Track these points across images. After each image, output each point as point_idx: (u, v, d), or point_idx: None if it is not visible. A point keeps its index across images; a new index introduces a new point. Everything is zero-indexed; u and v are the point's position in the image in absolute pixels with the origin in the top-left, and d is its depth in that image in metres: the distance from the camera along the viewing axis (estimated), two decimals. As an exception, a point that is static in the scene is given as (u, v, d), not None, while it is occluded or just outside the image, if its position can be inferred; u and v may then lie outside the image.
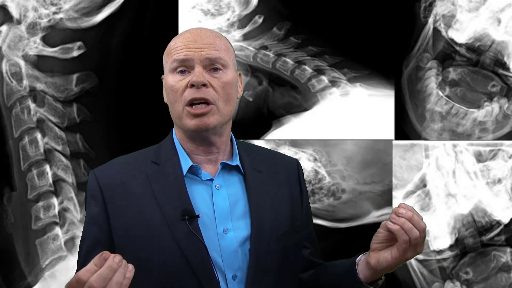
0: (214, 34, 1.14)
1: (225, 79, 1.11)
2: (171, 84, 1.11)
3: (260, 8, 2.09)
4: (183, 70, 1.10)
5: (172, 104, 1.12)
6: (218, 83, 1.10)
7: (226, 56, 1.12)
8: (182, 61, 1.09)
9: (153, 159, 1.15)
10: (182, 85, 1.09)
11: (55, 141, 2.05)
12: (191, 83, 1.08)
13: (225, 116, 1.12)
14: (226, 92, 1.11)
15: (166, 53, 1.15)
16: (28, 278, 2.02)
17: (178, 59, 1.09)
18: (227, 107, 1.11)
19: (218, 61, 1.10)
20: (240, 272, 1.08)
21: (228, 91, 1.11)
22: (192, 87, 1.08)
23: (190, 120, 1.09)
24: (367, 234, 2.09)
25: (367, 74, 2.09)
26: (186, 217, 1.06)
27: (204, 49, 1.09)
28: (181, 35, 1.14)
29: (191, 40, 1.10)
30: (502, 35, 2.06)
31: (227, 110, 1.12)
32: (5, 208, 2.03)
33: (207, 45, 1.10)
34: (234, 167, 1.16)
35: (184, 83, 1.09)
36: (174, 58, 1.10)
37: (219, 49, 1.11)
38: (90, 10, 2.07)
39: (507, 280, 2.07)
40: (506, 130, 2.09)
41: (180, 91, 1.09)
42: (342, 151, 2.10)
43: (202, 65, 1.09)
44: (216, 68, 1.10)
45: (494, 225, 2.07)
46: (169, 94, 1.12)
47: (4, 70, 2.04)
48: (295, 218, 1.19)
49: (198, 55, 1.09)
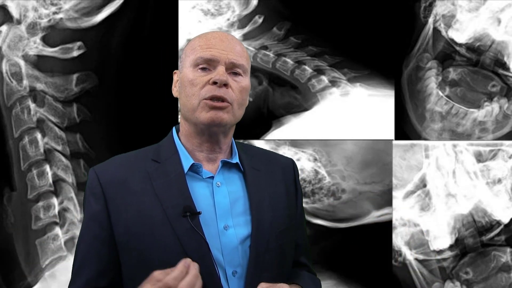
0: (238, 41, 1.19)
1: (243, 84, 1.15)
2: (191, 78, 1.13)
3: (260, 8, 2.09)
4: (205, 68, 1.13)
5: (188, 97, 1.14)
6: (237, 86, 1.14)
7: (247, 64, 1.17)
8: (208, 59, 1.13)
9: (154, 157, 1.16)
10: (203, 81, 1.12)
11: (55, 141, 2.05)
12: (215, 80, 1.11)
13: (236, 119, 1.16)
14: (242, 97, 1.15)
15: (190, 48, 1.17)
16: (28, 278, 2.02)
17: (204, 57, 1.13)
18: (239, 111, 1.16)
19: (241, 67, 1.15)
20: (240, 268, 1.10)
21: (244, 96, 1.16)
22: (213, 85, 1.11)
23: (205, 112, 1.11)
24: (367, 234, 2.10)
25: (367, 74, 2.09)
26: (188, 214, 1.07)
27: (230, 53, 1.13)
28: (207, 34, 1.18)
29: (218, 40, 1.14)
30: (502, 35, 2.07)
31: (239, 113, 1.16)
32: (5, 208, 2.03)
33: (232, 50, 1.14)
34: (234, 165, 1.18)
35: (205, 80, 1.12)
36: (200, 55, 1.13)
37: (242, 56, 1.16)
38: (90, 10, 2.07)
39: (507, 280, 2.07)
40: (506, 130, 2.09)
41: (200, 86, 1.12)
42: (342, 151, 2.10)
43: (225, 67, 1.13)
44: (236, 73, 1.15)
45: (494, 225, 2.07)
46: (186, 87, 1.14)
47: (4, 70, 2.04)
48: (292, 216, 1.22)
49: (224, 57, 1.13)
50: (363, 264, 2.08)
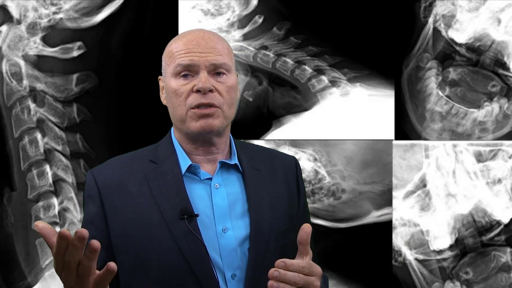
0: (216, 38, 1.14)
1: (229, 83, 1.12)
2: (175, 88, 1.10)
3: (260, 8, 2.09)
4: (186, 74, 1.10)
5: (175, 108, 1.12)
6: (222, 87, 1.10)
7: (229, 60, 1.13)
8: (187, 66, 1.09)
9: (151, 158, 1.15)
10: (187, 90, 1.09)
11: (55, 141, 2.05)
12: (197, 88, 1.08)
13: (228, 119, 1.13)
14: (230, 96, 1.12)
15: (168, 55, 1.14)
16: (28, 278, 2.02)
17: (183, 64, 1.09)
18: (231, 110, 1.13)
19: (223, 66, 1.11)
20: (239, 271, 1.08)
21: (232, 95, 1.13)
22: (197, 92, 1.08)
23: (195, 122, 1.09)
24: (367, 234, 2.10)
25: (367, 74, 2.09)
26: (185, 216, 1.06)
27: (209, 54, 1.09)
28: (182, 37, 1.13)
29: (194, 44, 1.10)
30: (502, 35, 2.06)
31: (230, 113, 1.13)
32: (5, 208, 2.03)
33: (211, 50, 1.10)
34: (232, 166, 1.16)
35: (189, 88, 1.09)
36: (178, 62, 1.09)
37: (223, 53, 1.11)
38: (90, 10, 2.07)
39: (507, 280, 2.07)
40: (506, 130, 2.09)
41: (185, 95, 1.09)
42: (342, 151, 2.10)
43: (206, 70, 1.09)
44: (220, 73, 1.11)
45: (494, 225, 2.07)
46: (171, 98, 1.12)
47: (4, 70, 2.04)
48: (293, 216, 1.19)
49: (204, 60, 1.09)
50: (363, 264, 2.08)
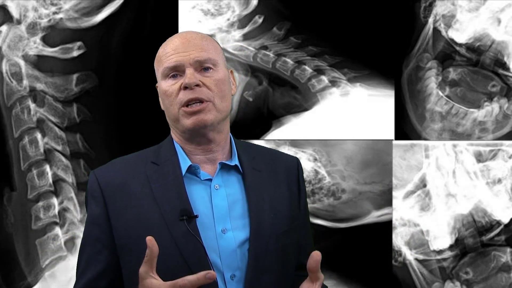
0: (200, 36, 1.16)
1: (217, 77, 1.13)
2: (165, 89, 1.13)
3: (260, 8, 2.09)
4: (175, 75, 1.12)
5: (167, 108, 1.14)
6: (210, 81, 1.12)
7: (215, 55, 1.15)
8: (174, 67, 1.12)
9: (153, 159, 1.16)
10: (176, 88, 1.12)
11: (55, 141, 2.05)
12: (184, 85, 1.10)
13: (222, 112, 1.14)
14: (220, 89, 1.13)
15: (157, 61, 1.17)
16: (28, 278, 2.02)
17: (169, 66, 1.12)
18: (223, 103, 1.14)
19: (208, 61, 1.13)
20: (238, 271, 1.09)
21: (222, 88, 1.14)
22: (185, 89, 1.10)
23: (187, 119, 1.11)
24: (367, 234, 2.10)
25: (367, 74, 2.09)
26: (185, 217, 1.06)
27: (192, 52, 1.11)
28: (168, 41, 1.17)
29: (179, 45, 1.13)
30: (502, 35, 2.06)
31: (223, 106, 1.14)
32: (5, 208, 2.03)
33: (194, 47, 1.12)
34: (233, 167, 1.17)
35: (177, 86, 1.11)
36: (165, 66, 1.13)
37: (207, 49, 1.13)
38: (90, 10, 2.07)
39: (507, 280, 2.07)
40: (506, 130, 2.09)
41: (174, 94, 1.12)
42: (342, 151, 2.10)
43: (193, 67, 1.11)
44: (207, 68, 1.13)
45: (494, 225, 2.07)
46: (164, 99, 1.15)
47: (4, 70, 2.04)
48: (294, 217, 1.19)
49: (188, 58, 1.11)
50: (363, 264, 2.08)
